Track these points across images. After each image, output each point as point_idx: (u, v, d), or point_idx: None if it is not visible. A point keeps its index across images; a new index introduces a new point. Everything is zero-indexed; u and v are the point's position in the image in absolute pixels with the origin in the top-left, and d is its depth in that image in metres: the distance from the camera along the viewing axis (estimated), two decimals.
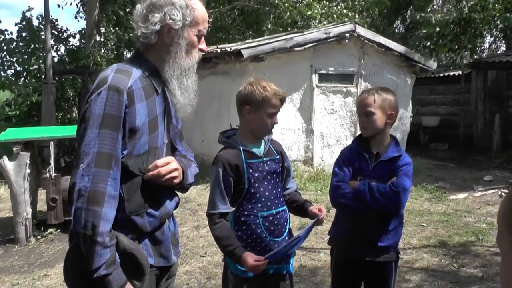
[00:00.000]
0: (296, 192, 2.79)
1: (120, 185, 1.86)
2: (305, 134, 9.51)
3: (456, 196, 8.38)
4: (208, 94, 9.20)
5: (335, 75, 9.81)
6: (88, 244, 1.73)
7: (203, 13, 2.04)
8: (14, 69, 13.67)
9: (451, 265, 5.07)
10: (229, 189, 2.53)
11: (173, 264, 2.17)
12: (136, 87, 1.88)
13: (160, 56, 1.99)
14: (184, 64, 2.01)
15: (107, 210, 1.76)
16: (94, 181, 1.75)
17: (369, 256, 2.77)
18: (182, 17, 1.94)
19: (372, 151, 2.83)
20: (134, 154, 1.89)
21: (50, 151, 6.19)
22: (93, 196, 1.74)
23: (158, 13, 1.92)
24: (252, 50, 8.39)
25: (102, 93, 1.80)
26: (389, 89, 2.90)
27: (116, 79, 1.84)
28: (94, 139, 1.77)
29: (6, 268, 5.11)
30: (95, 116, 1.79)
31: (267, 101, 2.51)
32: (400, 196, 2.62)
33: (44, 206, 6.42)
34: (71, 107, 14.56)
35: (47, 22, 11.49)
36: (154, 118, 1.96)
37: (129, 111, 1.84)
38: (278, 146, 2.76)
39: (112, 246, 1.77)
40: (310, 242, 5.75)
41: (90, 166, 1.75)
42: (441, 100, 15.25)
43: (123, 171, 1.86)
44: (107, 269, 1.74)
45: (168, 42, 1.97)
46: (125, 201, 1.88)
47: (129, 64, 1.98)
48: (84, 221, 1.72)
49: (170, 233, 2.14)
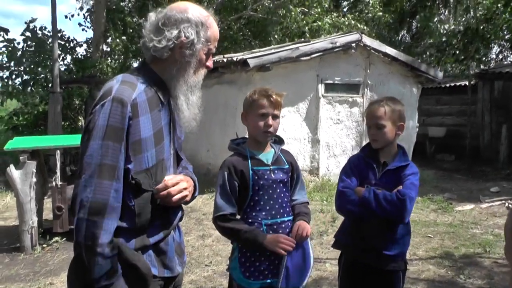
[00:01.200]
0: (302, 204, 2.75)
1: (132, 199, 1.87)
2: (311, 144, 9.50)
3: (463, 207, 8.33)
4: (214, 103, 9.23)
5: (341, 85, 9.82)
6: (89, 255, 1.73)
7: (215, 32, 2.05)
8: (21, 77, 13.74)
9: (457, 277, 5.03)
10: (234, 193, 2.55)
11: (178, 275, 2.16)
12: (141, 99, 1.88)
13: (168, 71, 1.99)
14: (191, 81, 2.02)
15: (108, 221, 1.76)
16: (96, 192, 1.75)
17: (377, 265, 2.76)
18: (196, 36, 1.95)
19: (379, 160, 2.83)
20: (143, 169, 1.89)
21: (56, 160, 6.21)
22: (94, 207, 1.74)
23: (173, 30, 1.92)
24: (258, 59, 8.40)
25: (106, 104, 1.80)
26: (396, 99, 2.91)
27: (120, 90, 1.84)
28: (97, 150, 1.77)
29: (11, 276, 5.11)
30: (98, 127, 1.78)
31: (255, 101, 2.57)
32: (406, 204, 2.61)
33: (50, 215, 6.43)
34: (77, 116, 14.61)
35: (55, 31, 11.56)
36: (159, 130, 1.96)
37: (132, 123, 1.83)
38: (289, 156, 2.76)
39: (113, 257, 1.77)
40: (316, 252, 5.72)
41: (92, 177, 1.75)
42: (448, 111, 15.22)
43: (135, 187, 1.87)
44: (108, 279, 1.74)
45: (179, 59, 1.97)
46: (136, 216, 1.89)
47: (134, 75, 1.97)
48: (85, 232, 1.73)
49: (175, 244, 2.13)
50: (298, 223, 2.58)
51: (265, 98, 2.56)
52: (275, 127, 2.60)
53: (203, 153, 9.78)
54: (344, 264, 2.96)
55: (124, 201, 1.85)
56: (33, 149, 5.93)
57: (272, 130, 2.58)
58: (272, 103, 2.56)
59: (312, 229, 6.18)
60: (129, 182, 1.85)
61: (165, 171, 1.99)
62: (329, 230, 6.46)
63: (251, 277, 2.54)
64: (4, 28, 13.50)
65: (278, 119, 2.61)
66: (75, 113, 14.57)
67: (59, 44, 13.78)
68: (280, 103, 2.60)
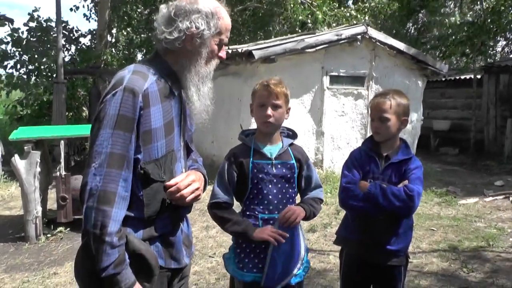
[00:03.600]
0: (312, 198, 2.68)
1: (140, 189, 1.88)
2: (315, 136, 9.49)
3: (466, 201, 8.32)
4: (218, 95, 9.04)
5: (346, 77, 9.77)
6: (97, 243, 1.73)
7: (227, 22, 2.05)
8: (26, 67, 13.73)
9: (460, 270, 5.03)
10: (232, 183, 2.55)
11: (185, 266, 2.16)
12: (152, 89, 1.88)
13: (180, 62, 1.99)
14: (202, 71, 2.02)
15: (117, 210, 1.76)
16: (106, 181, 1.75)
17: (379, 260, 2.76)
18: (207, 26, 1.95)
19: (382, 154, 2.82)
20: (153, 159, 1.90)
21: (60, 150, 6.22)
22: (103, 196, 1.74)
23: (184, 20, 1.92)
24: (263, 51, 8.37)
25: (118, 94, 1.81)
26: (402, 93, 2.89)
27: (132, 80, 1.84)
28: (107, 139, 1.78)
29: (16, 265, 5.14)
30: (109, 116, 1.79)
31: (255, 92, 2.59)
32: (414, 200, 2.60)
33: (54, 205, 6.45)
34: (81, 106, 14.60)
35: (59, 22, 11.53)
36: (170, 120, 1.97)
37: (143, 113, 1.84)
38: (299, 152, 2.70)
39: (121, 246, 1.77)
40: (320, 244, 5.74)
41: (102, 166, 1.76)
42: (452, 104, 15.17)
43: (144, 176, 1.88)
44: (115, 268, 1.75)
45: (190, 49, 1.97)
46: (145, 206, 1.90)
47: (146, 65, 1.98)
48: (93, 220, 1.73)
49: (183, 235, 2.14)
50: (290, 207, 2.53)
51: (263, 88, 2.55)
52: (276, 117, 2.54)
53: (207, 144, 9.78)
54: (346, 258, 2.95)
55: (133, 191, 1.86)
56: (37, 139, 5.95)
57: (272, 120, 2.53)
58: (271, 93, 2.52)
59: (315, 221, 6.22)
60: (138, 172, 1.86)
61: (174, 162, 2.00)
62: (333, 223, 6.46)
63: (244, 268, 2.53)
64: (9, 18, 13.47)
65: (280, 109, 2.54)
66: (79, 104, 14.55)
67: (63, 34, 13.76)
68: (281, 92, 2.54)
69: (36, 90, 13.57)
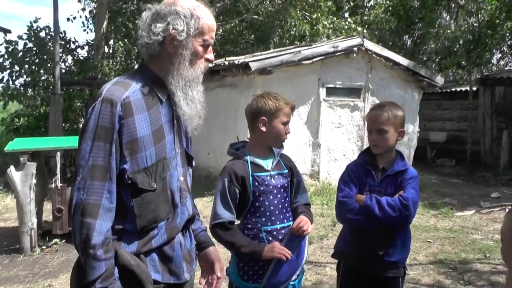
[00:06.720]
0: (304, 206, 2.73)
1: (131, 200, 1.85)
2: (311, 147, 9.49)
3: (463, 213, 8.31)
4: (215, 106, 9.21)
5: (343, 89, 9.81)
6: (84, 257, 1.72)
7: (209, 22, 1.98)
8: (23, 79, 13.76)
9: (457, 282, 5.02)
10: (234, 200, 2.53)
11: (185, 282, 2.09)
12: (135, 98, 1.85)
13: (164, 66, 1.95)
14: (188, 75, 1.96)
15: (101, 222, 1.74)
16: (89, 193, 1.74)
17: (377, 271, 2.75)
18: (186, 27, 1.90)
19: (378, 166, 2.82)
20: (142, 168, 1.86)
21: (56, 162, 6.21)
22: (87, 209, 1.73)
23: (161, 23, 1.88)
24: (260, 63, 8.40)
25: (96, 105, 1.80)
26: (397, 105, 2.90)
27: (110, 90, 1.83)
28: (88, 152, 1.77)
29: (11, 277, 5.10)
30: (90, 129, 1.78)
31: (281, 109, 2.56)
32: (410, 209, 2.60)
33: (50, 216, 6.42)
34: (78, 118, 14.60)
35: (56, 33, 11.56)
36: (159, 128, 1.93)
37: (125, 122, 1.81)
38: (288, 161, 2.75)
39: (107, 259, 1.74)
40: (316, 256, 5.71)
41: (85, 179, 1.75)
42: (449, 116, 15.21)
43: (132, 187, 1.84)
44: (102, 282, 1.72)
45: (172, 52, 1.93)
46: (136, 217, 1.86)
47: (130, 76, 1.96)
48: (79, 234, 1.72)
49: (184, 250, 2.07)
50: (302, 217, 2.58)
51: (288, 107, 2.60)
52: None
53: (204, 156, 9.77)
54: (343, 271, 2.94)
55: (123, 202, 1.84)
56: (33, 151, 5.93)
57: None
58: (292, 112, 2.62)
59: (312, 233, 6.19)
60: (126, 182, 1.83)
61: (166, 170, 1.95)
62: (329, 234, 6.44)
63: (249, 280, 2.54)
64: (6, 29, 13.49)
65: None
66: (76, 115, 14.56)
67: (60, 45, 13.79)
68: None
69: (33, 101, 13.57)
